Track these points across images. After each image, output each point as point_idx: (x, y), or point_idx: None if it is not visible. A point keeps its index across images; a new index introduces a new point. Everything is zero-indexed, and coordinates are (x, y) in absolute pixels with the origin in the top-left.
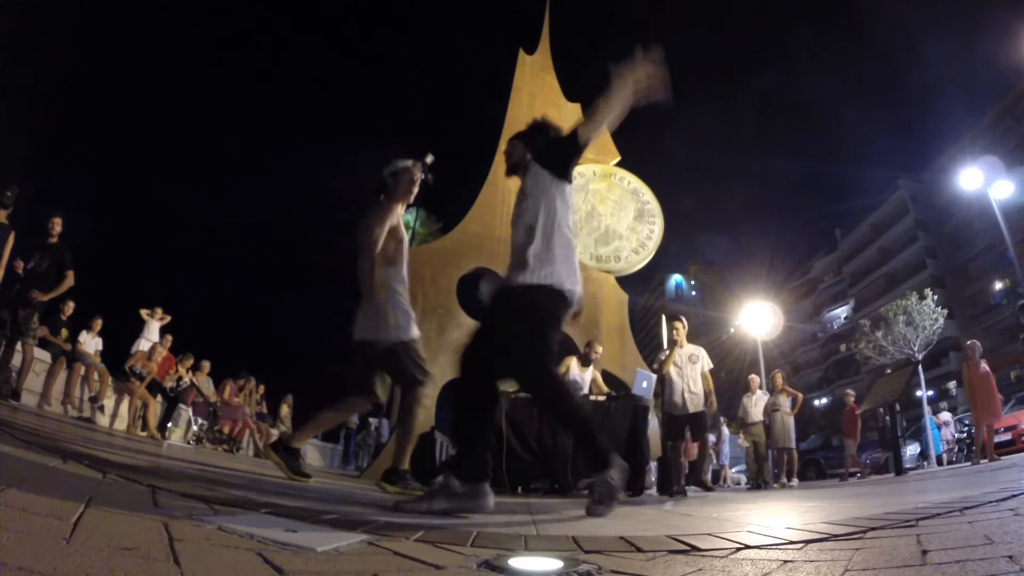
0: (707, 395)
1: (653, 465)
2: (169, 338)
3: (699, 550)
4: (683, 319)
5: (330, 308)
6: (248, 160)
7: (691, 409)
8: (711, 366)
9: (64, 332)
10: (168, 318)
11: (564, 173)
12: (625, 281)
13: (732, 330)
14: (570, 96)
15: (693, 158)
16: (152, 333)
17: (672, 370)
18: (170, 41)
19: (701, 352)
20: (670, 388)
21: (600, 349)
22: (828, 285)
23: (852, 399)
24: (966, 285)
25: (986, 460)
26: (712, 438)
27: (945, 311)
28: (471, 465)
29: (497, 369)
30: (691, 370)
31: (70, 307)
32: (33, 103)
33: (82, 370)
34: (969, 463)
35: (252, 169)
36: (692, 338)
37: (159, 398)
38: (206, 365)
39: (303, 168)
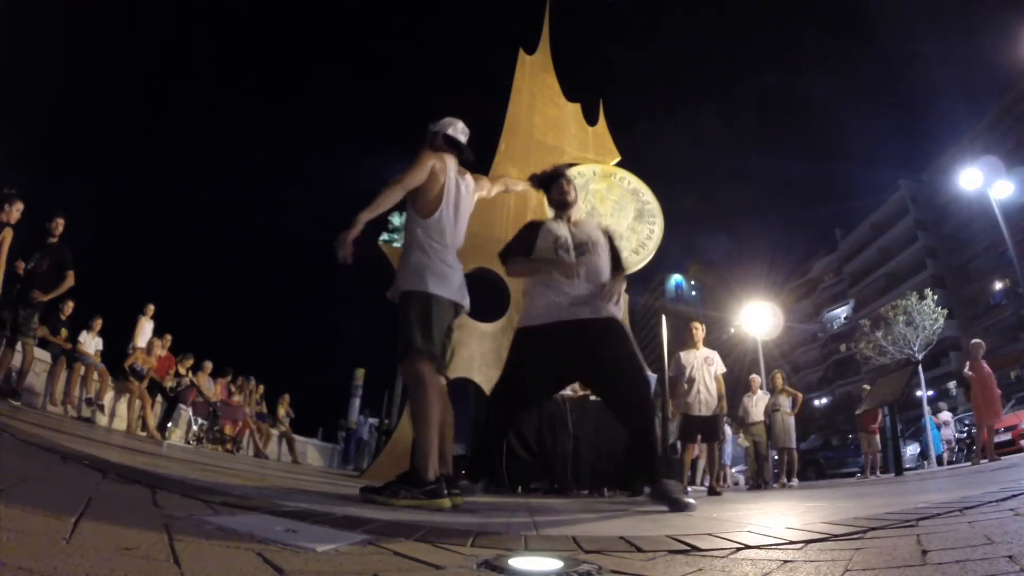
0: (719, 397)
1: None
2: (168, 337)
3: (699, 550)
4: (702, 321)
5: (330, 308)
6: (249, 160)
7: (704, 412)
8: (724, 370)
9: (64, 332)
10: (152, 307)
11: None
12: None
13: (732, 330)
14: (570, 96)
15: (693, 158)
16: (146, 331)
17: (687, 371)
18: (171, 41)
19: (715, 356)
20: (685, 389)
21: None
22: (828, 285)
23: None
24: (966, 285)
25: (987, 460)
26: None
27: (945, 311)
28: None
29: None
30: (706, 372)
31: (70, 307)
32: (34, 103)
33: (82, 370)
34: (969, 463)
35: (253, 170)
36: (687, 331)
37: (159, 398)
38: (207, 365)
39: (304, 169)
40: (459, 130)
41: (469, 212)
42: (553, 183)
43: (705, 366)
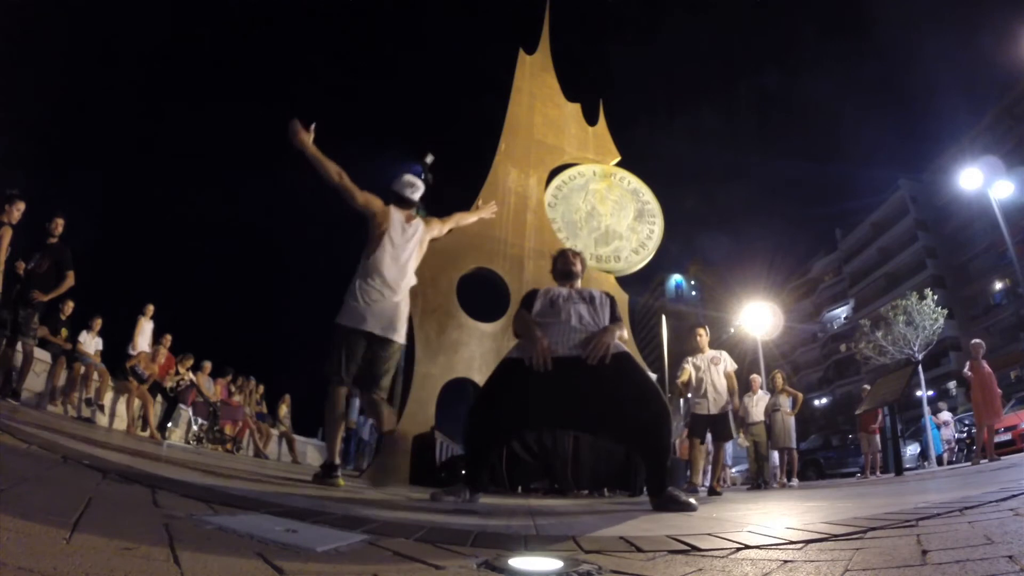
0: (731, 393)
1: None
2: (168, 337)
3: (699, 550)
4: (706, 326)
5: (330, 308)
6: (250, 161)
7: (714, 410)
8: (735, 366)
9: (64, 332)
10: (151, 308)
11: None
12: (625, 281)
13: (732, 330)
14: (570, 96)
15: (693, 158)
16: (146, 331)
17: (694, 373)
18: (172, 42)
19: (723, 355)
20: (695, 389)
21: None
22: (828, 285)
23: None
24: (966, 285)
25: (987, 460)
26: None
27: (945, 311)
28: None
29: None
30: (714, 371)
31: (69, 307)
32: (36, 104)
33: (82, 370)
34: (969, 463)
35: (254, 170)
36: (692, 337)
37: (159, 398)
38: (207, 365)
39: (305, 169)
40: (403, 183)
41: (415, 252)
42: (560, 255)
43: (712, 366)
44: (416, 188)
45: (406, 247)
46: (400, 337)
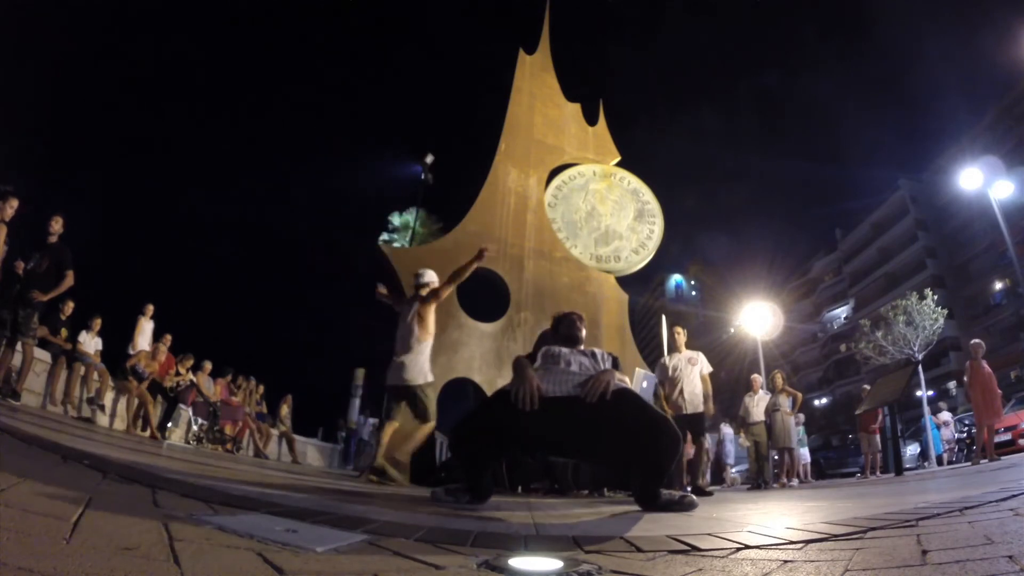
0: (705, 397)
1: None
2: (168, 337)
3: (699, 550)
4: (683, 326)
5: (330, 308)
6: (250, 160)
7: (689, 409)
8: (710, 369)
9: (64, 332)
10: (151, 307)
11: None
12: (625, 281)
13: (732, 330)
14: (570, 96)
15: (693, 158)
16: (146, 331)
17: (671, 372)
18: (171, 39)
19: (700, 356)
20: (670, 389)
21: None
22: (828, 285)
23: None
24: (966, 285)
25: (987, 460)
26: (711, 439)
27: (945, 311)
28: None
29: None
30: (690, 372)
31: (69, 307)
32: (35, 103)
33: (82, 370)
34: (969, 463)
35: (254, 169)
36: (693, 339)
37: (159, 398)
38: (207, 365)
39: (304, 167)
40: (417, 275)
41: (413, 322)
42: (564, 319)
43: (689, 366)
44: (417, 278)
45: (405, 322)
46: (403, 380)
